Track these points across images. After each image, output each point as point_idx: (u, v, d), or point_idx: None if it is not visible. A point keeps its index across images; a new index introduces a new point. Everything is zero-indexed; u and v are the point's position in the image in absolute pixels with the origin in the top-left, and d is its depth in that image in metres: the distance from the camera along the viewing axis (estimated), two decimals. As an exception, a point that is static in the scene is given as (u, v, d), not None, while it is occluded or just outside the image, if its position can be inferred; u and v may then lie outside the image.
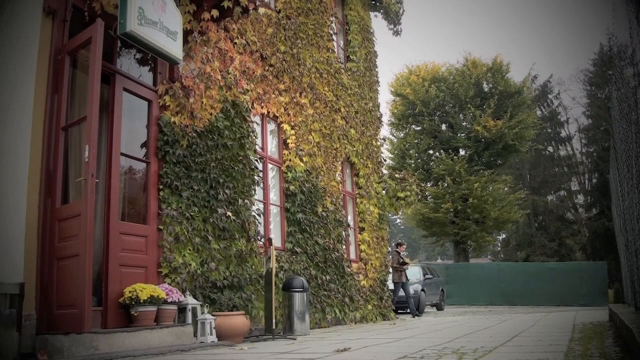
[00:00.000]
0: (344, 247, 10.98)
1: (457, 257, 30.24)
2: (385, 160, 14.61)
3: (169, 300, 5.97)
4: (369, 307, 11.57)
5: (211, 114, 7.42)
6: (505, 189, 31.43)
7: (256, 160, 8.40)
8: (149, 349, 5.30)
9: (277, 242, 9.02)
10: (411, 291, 17.29)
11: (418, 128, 30.79)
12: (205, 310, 6.51)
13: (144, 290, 5.69)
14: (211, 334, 6.29)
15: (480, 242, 29.44)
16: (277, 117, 9.50)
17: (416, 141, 30.62)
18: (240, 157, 7.86)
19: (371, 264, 12.16)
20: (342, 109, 11.81)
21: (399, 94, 30.50)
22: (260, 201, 8.72)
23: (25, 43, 5.38)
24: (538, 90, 41.27)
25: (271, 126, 9.62)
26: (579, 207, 43.26)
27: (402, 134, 31.40)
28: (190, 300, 6.43)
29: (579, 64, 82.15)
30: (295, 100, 9.92)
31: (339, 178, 11.24)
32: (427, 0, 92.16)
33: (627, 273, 10.26)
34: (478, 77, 29.85)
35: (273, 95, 9.22)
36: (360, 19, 13.79)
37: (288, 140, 9.70)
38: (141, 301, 5.63)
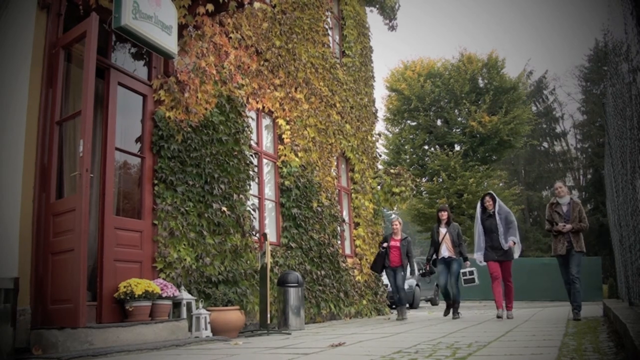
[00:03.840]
0: (339, 242, 10.99)
1: (452, 252, 30.25)
2: (380, 156, 14.58)
3: (164, 295, 5.97)
4: (364, 302, 11.59)
5: (206, 109, 7.41)
6: (500, 184, 31.50)
7: (251, 155, 8.38)
8: (143, 343, 5.29)
9: (272, 237, 9.02)
10: (405, 286, 17.31)
11: (413, 123, 30.78)
12: (200, 305, 6.51)
13: (139, 285, 5.69)
14: (206, 329, 6.29)
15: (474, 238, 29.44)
16: (272, 112, 9.49)
17: (411, 136, 30.62)
18: (235, 152, 7.85)
19: (366, 259, 12.17)
20: (338, 104, 11.80)
21: (394, 89, 30.47)
22: (255, 196, 8.72)
23: (20, 37, 5.35)
24: (533, 86, 41.29)
25: (266, 121, 9.60)
26: (573, 202, 43.32)
27: (397, 130, 31.39)
28: (185, 295, 6.43)
29: (574, 60, 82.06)
30: (290, 95, 9.90)
31: (334, 173, 11.24)
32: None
33: (621, 268, 10.32)
34: (473, 72, 29.84)
35: (268, 90, 9.20)
36: (356, 13, 13.77)
37: (283, 136, 9.68)
38: (136, 296, 5.63)
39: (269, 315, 7.19)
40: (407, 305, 10.96)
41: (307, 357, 4.07)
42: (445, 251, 9.45)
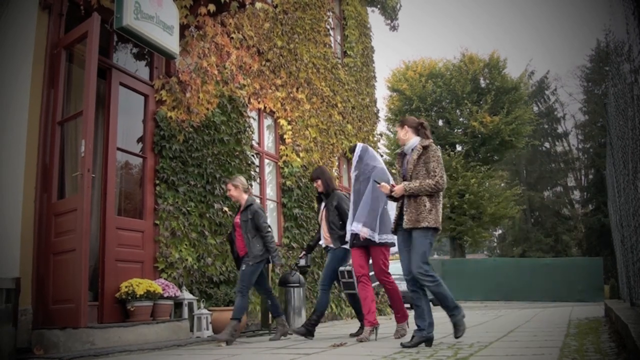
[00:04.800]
0: (340, 242, 10.96)
1: (454, 252, 30.27)
2: (382, 156, 14.56)
3: (165, 295, 5.97)
4: (366, 302, 11.56)
5: (208, 109, 7.41)
6: (502, 184, 31.48)
7: (253, 156, 8.38)
8: (145, 343, 5.30)
9: (273, 237, 9.00)
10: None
11: (415, 124, 30.71)
12: (202, 305, 6.51)
13: (140, 285, 5.69)
14: (207, 329, 6.29)
15: (476, 238, 29.41)
16: (274, 112, 9.48)
17: (413, 137, 30.54)
18: (237, 152, 7.85)
19: (368, 259, 12.14)
20: (339, 105, 11.80)
21: (395, 89, 30.44)
22: (257, 196, 8.71)
23: (21, 37, 5.36)
24: (535, 86, 41.24)
25: (268, 121, 9.60)
26: (575, 203, 43.33)
27: (399, 130, 31.32)
28: (187, 295, 6.43)
29: (575, 60, 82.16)
30: (292, 95, 9.90)
31: (335, 173, 11.23)
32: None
33: (622, 269, 10.29)
34: (475, 72, 29.81)
35: (270, 91, 9.20)
36: (357, 14, 13.76)
37: (285, 136, 9.68)
38: (137, 296, 5.63)
39: (270, 316, 7.18)
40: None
41: (308, 357, 4.07)
42: (322, 237, 6.40)
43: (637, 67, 4.51)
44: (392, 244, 5.55)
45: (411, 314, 5.43)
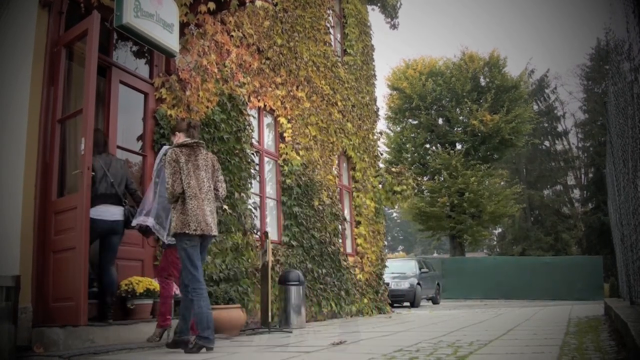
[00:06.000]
0: (340, 240, 10.98)
1: (453, 251, 30.29)
2: (381, 154, 14.57)
3: (165, 294, 5.96)
4: (365, 300, 11.59)
5: (207, 107, 7.41)
6: (502, 183, 31.46)
7: (252, 154, 8.38)
8: (145, 342, 5.30)
9: (273, 235, 9.01)
10: (407, 285, 17.25)
11: (415, 122, 30.72)
12: (202, 303, 6.49)
13: (140, 283, 5.70)
14: (207, 327, 6.28)
15: (476, 237, 29.44)
16: (274, 111, 9.48)
17: (413, 135, 30.56)
18: (237, 151, 7.85)
19: (367, 257, 12.18)
20: (339, 103, 11.79)
21: (395, 87, 30.41)
22: (256, 194, 8.72)
23: (21, 35, 5.35)
24: (535, 85, 41.18)
25: (268, 120, 9.60)
26: (575, 201, 43.31)
27: (398, 128, 31.32)
28: (187, 294, 6.42)
29: (575, 59, 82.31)
30: (292, 93, 9.90)
31: (335, 172, 11.23)
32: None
33: (622, 267, 10.30)
34: (475, 71, 29.79)
35: (270, 89, 9.20)
36: (358, 12, 13.74)
37: (285, 134, 9.68)
38: (137, 294, 5.64)
39: (270, 314, 7.19)
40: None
41: (308, 356, 4.08)
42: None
43: (637, 66, 4.51)
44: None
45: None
